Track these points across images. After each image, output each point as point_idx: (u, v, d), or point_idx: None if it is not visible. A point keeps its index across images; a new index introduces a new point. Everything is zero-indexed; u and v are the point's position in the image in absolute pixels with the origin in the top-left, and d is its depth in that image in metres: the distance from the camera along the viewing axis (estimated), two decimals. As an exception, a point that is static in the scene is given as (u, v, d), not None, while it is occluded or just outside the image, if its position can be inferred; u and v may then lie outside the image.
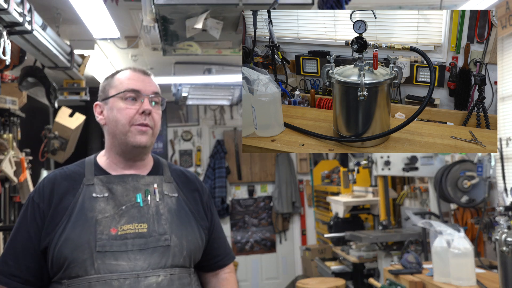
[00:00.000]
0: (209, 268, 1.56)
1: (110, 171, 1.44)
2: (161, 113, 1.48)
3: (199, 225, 1.47)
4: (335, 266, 4.21)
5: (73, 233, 1.30)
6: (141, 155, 1.45)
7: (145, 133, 1.40)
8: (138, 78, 1.44)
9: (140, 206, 1.38)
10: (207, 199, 1.57)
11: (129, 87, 1.41)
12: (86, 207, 1.34)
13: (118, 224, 1.33)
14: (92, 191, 1.37)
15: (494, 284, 2.33)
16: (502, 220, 2.10)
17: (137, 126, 1.39)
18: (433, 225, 2.48)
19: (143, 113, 1.39)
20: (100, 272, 1.28)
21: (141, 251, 1.32)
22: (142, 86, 1.43)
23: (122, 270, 1.29)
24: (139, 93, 1.41)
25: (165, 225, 1.38)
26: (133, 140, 1.39)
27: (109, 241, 1.31)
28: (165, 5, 2.23)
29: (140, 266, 1.31)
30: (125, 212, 1.36)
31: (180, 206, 1.45)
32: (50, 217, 1.34)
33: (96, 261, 1.28)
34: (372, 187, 4.14)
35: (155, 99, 1.44)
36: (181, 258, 1.38)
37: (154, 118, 1.43)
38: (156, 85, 1.48)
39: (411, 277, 2.64)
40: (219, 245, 1.58)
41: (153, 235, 1.35)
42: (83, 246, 1.29)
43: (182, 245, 1.38)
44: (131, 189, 1.40)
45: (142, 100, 1.41)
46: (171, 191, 1.46)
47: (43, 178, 1.44)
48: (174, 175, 1.52)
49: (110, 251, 1.30)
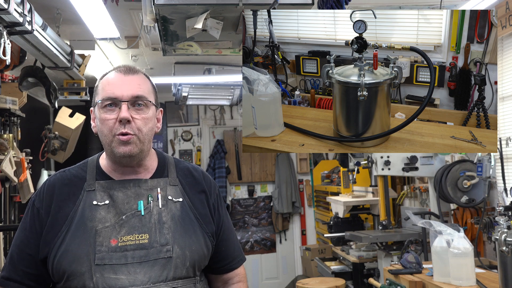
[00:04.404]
0: (217, 271, 1.51)
1: (112, 174, 1.40)
2: (152, 113, 1.38)
3: (204, 232, 1.40)
4: (335, 266, 4.21)
5: (72, 244, 1.27)
6: (135, 161, 1.38)
7: (127, 142, 1.31)
8: (118, 81, 1.35)
9: (141, 215, 1.33)
10: (215, 199, 1.50)
11: (106, 95, 1.33)
12: (86, 216, 1.31)
13: (118, 234, 1.29)
14: (93, 198, 1.34)
15: (494, 284, 2.33)
16: (502, 220, 2.10)
17: (118, 136, 1.31)
18: (433, 225, 2.48)
19: (121, 121, 1.31)
20: (98, 286, 1.24)
21: (141, 264, 1.28)
22: (120, 92, 1.33)
23: (122, 284, 1.25)
24: (116, 99, 1.32)
25: (167, 235, 1.33)
26: (117, 151, 1.32)
27: (108, 253, 1.27)
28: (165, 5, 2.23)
29: (140, 280, 1.26)
30: (125, 222, 1.31)
31: (185, 212, 1.39)
32: (49, 225, 1.32)
33: (95, 274, 1.25)
34: (372, 187, 4.14)
35: (138, 102, 1.34)
36: (184, 269, 1.33)
37: (137, 124, 1.33)
38: (140, 86, 1.36)
39: (411, 277, 2.64)
40: (227, 247, 1.51)
41: (155, 246, 1.30)
42: (82, 259, 1.26)
43: (185, 256, 1.33)
44: (133, 195, 1.35)
45: (120, 107, 1.32)
46: (175, 195, 1.40)
47: (44, 182, 1.42)
48: (180, 176, 1.46)
49: (109, 264, 1.26)
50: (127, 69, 1.39)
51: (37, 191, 1.40)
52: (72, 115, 4.50)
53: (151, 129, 1.38)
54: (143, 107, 1.36)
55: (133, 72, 1.39)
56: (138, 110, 1.35)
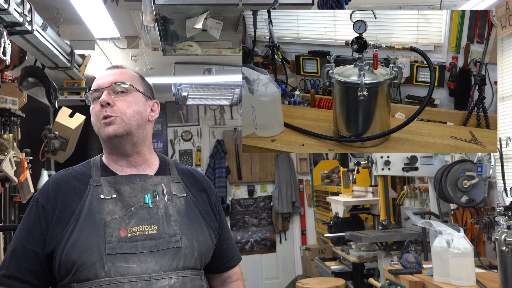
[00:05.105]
0: (216, 270, 1.54)
1: (116, 171, 1.42)
2: (137, 98, 1.43)
3: (208, 226, 1.45)
4: (335, 266, 4.21)
5: (81, 236, 1.28)
6: (127, 146, 1.42)
7: (110, 123, 1.37)
8: (103, 75, 1.44)
9: (149, 207, 1.36)
10: (215, 199, 1.55)
11: (92, 89, 1.43)
12: (94, 209, 1.32)
13: (127, 226, 1.32)
14: (100, 192, 1.36)
15: (494, 284, 2.33)
16: (502, 220, 2.10)
17: (102, 121, 1.38)
18: (433, 225, 2.48)
19: (102, 106, 1.38)
20: (111, 275, 1.26)
21: (151, 253, 1.30)
22: (101, 82, 1.42)
23: (134, 273, 1.27)
24: (99, 88, 1.41)
25: (175, 227, 1.36)
26: (103, 133, 1.38)
27: (118, 243, 1.29)
28: (165, 5, 2.23)
29: (151, 269, 1.29)
30: (134, 214, 1.34)
31: (189, 206, 1.43)
32: (56, 220, 1.32)
33: (107, 264, 1.26)
34: (372, 187, 4.14)
35: (118, 89, 1.40)
36: (192, 260, 1.36)
37: (119, 106, 1.39)
38: (121, 75, 1.44)
39: (411, 277, 2.64)
40: (227, 246, 1.55)
41: (163, 237, 1.33)
42: (92, 249, 1.27)
43: (193, 247, 1.36)
44: (139, 189, 1.38)
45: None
46: (179, 191, 1.44)
47: (49, 179, 1.43)
48: (181, 175, 1.50)
49: (120, 254, 1.28)
50: (114, 66, 1.48)
51: (40, 189, 1.41)
52: (72, 115, 4.50)
53: (137, 112, 1.42)
54: (124, 93, 1.42)
55: (118, 67, 1.48)
56: (120, 95, 1.41)
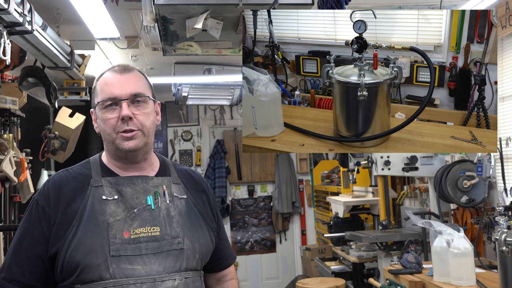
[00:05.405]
0: (213, 269, 1.56)
1: (117, 171, 1.42)
2: (151, 107, 1.43)
3: (209, 227, 1.46)
4: (335, 266, 4.21)
5: (85, 238, 1.28)
6: (140, 156, 1.42)
7: (131, 138, 1.36)
8: (115, 81, 1.39)
9: (152, 209, 1.37)
10: (213, 199, 1.57)
11: (106, 96, 1.37)
12: (96, 210, 1.32)
13: (130, 227, 1.32)
14: (101, 193, 1.35)
15: (494, 284, 2.33)
16: (502, 220, 2.10)
17: (121, 134, 1.36)
18: (433, 225, 2.48)
19: (123, 119, 1.35)
20: (116, 276, 1.27)
21: (155, 255, 1.32)
22: (118, 91, 1.37)
23: (138, 274, 1.28)
24: (116, 99, 1.37)
25: (177, 228, 1.37)
26: (122, 147, 1.37)
27: (122, 245, 1.29)
28: (165, 5, 2.23)
29: (155, 270, 1.30)
30: (137, 215, 1.34)
31: (190, 208, 1.45)
32: (58, 222, 1.31)
33: (111, 265, 1.27)
34: (372, 187, 4.14)
35: (137, 99, 1.39)
36: (194, 261, 1.38)
37: (139, 119, 1.38)
38: (136, 83, 1.41)
39: (411, 277, 2.64)
40: (224, 246, 1.58)
41: (166, 239, 1.34)
42: (97, 251, 1.27)
43: (195, 248, 1.38)
44: (141, 191, 1.38)
45: (120, 106, 1.37)
46: (180, 192, 1.45)
47: (48, 180, 1.42)
48: (181, 176, 1.50)
49: (125, 255, 1.29)
50: (122, 69, 1.43)
51: (39, 190, 1.40)
52: (72, 115, 4.51)
53: (153, 122, 1.44)
54: (142, 103, 1.40)
55: (128, 70, 1.43)
56: (138, 106, 1.40)
